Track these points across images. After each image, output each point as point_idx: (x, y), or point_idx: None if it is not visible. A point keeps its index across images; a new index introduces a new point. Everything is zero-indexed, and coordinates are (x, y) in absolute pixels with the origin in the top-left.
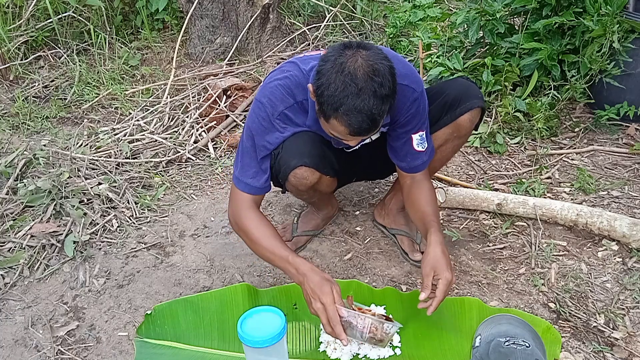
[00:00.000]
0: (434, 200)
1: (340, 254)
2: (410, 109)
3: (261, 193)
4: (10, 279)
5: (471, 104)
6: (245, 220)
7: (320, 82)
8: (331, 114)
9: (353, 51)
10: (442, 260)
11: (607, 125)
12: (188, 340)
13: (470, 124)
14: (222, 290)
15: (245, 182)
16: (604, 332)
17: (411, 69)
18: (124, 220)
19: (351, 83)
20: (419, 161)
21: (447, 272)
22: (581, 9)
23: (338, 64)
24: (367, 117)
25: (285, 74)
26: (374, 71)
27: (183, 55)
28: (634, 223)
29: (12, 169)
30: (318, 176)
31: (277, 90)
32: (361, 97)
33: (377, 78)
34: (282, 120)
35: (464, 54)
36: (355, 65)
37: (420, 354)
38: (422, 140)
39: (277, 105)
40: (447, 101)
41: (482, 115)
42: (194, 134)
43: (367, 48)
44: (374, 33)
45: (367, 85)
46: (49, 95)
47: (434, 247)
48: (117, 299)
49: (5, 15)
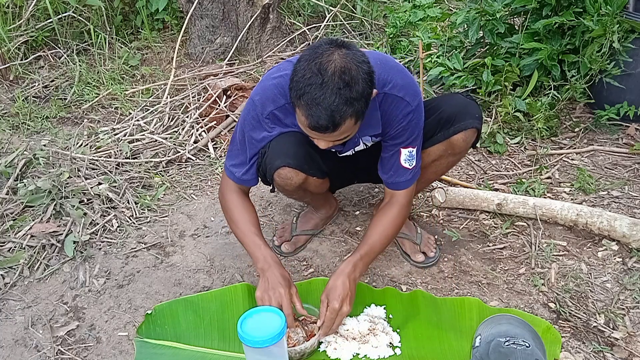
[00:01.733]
0: (387, 229)
1: (340, 254)
2: (402, 122)
3: (240, 184)
4: (10, 279)
5: (466, 124)
6: (229, 203)
7: (295, 66)
8: (295, 101)
9: (334, 46)
10: (336, 290)
11: (607, 125)
12: (188, 340)
13: (464, 143)
14: (222, 290)
15: (231, 170)
16: (604, 332)
17: (410, 82)
18: (124, 220)
19: (317, 74)
20: (402, 178)
21: (334, 302)
22: (581, 9)
23: (313, 54)
24: (324, 113)
25: (281, 73)
26: (345, 70)
27: (183, 55)
28: (634, 223)
29: (12, 169)
30: (303, 177)
31: (270, 89)
32: (323, 90)
33: (345, 77)
34: (271, 120)
35: (464, 54)
36: (328, 59)
37: (420, 354)
38: (410, 156)
39: (267, 105)
40: (441, 118)
41: (478, 135)
42: (194, 134)
43: (349, 48)
44: (374, 33)
45: (331, 81)
46: (49, 95)
47: (335, 276)
48: (117, 299)
49: (5, 15)
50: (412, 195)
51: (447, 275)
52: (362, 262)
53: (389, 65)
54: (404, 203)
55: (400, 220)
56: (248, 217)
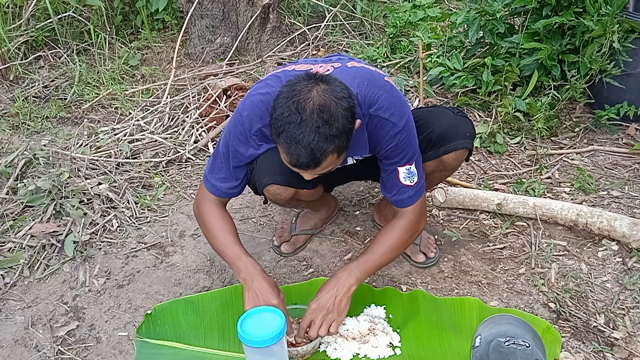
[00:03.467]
0: (391, 240)
1: (340, 254)
2: (390, 143)
3: (225, 197)
4: (10, 279)
5: (456, 144)
6: (206, 214)
7: (274, 103)
8: (275, 138)
9: (313, 82)
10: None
11: (607, 125)
12: (188, 340)
13: (455, 162)
14: (222, 290)
15: (212, 183)
16: (604, 332)
17: (398, 100)
18: (124, 220)
19: (296, 112)
20: (405, 195)
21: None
22: (581, 9)
23: (292, 91)
24: (305, 151)
25: (268, 90)
26: (323, 108)
27: (183, 55)
28: (634, 223)
29: (12, 169)
30: (293, 191)
31: (258, 106)
32: (302, 129)
33: (324, 115)
34: (259, 137)
35: (464, 54)
36: (306, 96)
37: (420, 354)
38: (410, 173)
39: (255, 122)
40: (431, 138)
41: (470, 152)
42: (194, 134)
43: (328, 83)
44: (374, 33)
45: (310, 119)
46: (49, 95)
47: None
48: (117, 299)
49: (5, 15)
50: (421, 209)
51: (447, 275)
52: (358, 269)
53: (376, 85)
54: (412, 218)
55: (408, 233)
56: (226, 227)
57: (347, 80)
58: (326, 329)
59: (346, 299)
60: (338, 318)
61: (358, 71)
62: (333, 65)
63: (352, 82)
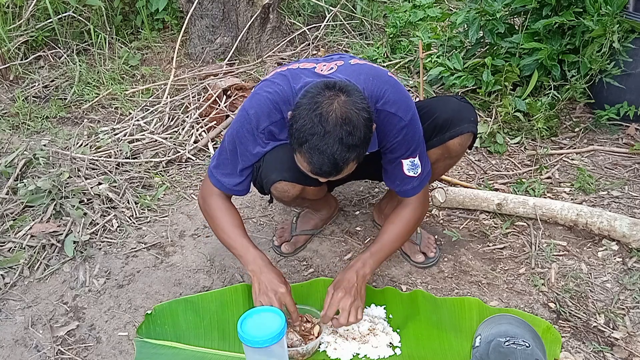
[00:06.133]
0: (399, 228)
1: (340, 254)
2: (397, 137)
3: (231, 193)
4: (10, 279)
5: (461, 128)
6: (212, 207)
7: (294, 113)
8: (296, 148)
9: (333, 93)
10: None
11: (607, 125)
12: (188, 340)
13: (460, 147)
14: (222, 290)
15: (218, 179)
16: (604, 332)
17: (403, 95)
18: (124, 220)
19: (319, 124)
20: (409, 186)
21: (338, 291)
22: (581, 9)
23: (314, 102)
24: (328, 161)
25: (275, 88)
26: (346, 119)
27: (183, 55)
28: (634, 223)
29: (12, 169)
30: (300, 188)
31: (265, 103)
32: (325, 140)
33: (347, 127)
34: (266, 136)
35: (464, 54)
36: (329, 108)
37: (420, 354)
38: (413, 165)
39: (263, 120)
40: (437, 124)
41: (474, 138)
42: (194, 134)
43: (348, 93)
44: (374, 33)
45: (334, 130)
46: (49, 95)
47: (344, 271)
48: (117, 299)
49: (5, 15)
50: (424, 197)
51: (447, 275)
52: (372, 259)
53: (382, 80)
54: (416, 205)
55: (413, 220)
56: (233, 221)
57: (352, 77)
58: (355, 316)
59: (364, 287)
60: (362, 305)
61: (362, 68)
62: (336, 63)
63: (358, 79)
